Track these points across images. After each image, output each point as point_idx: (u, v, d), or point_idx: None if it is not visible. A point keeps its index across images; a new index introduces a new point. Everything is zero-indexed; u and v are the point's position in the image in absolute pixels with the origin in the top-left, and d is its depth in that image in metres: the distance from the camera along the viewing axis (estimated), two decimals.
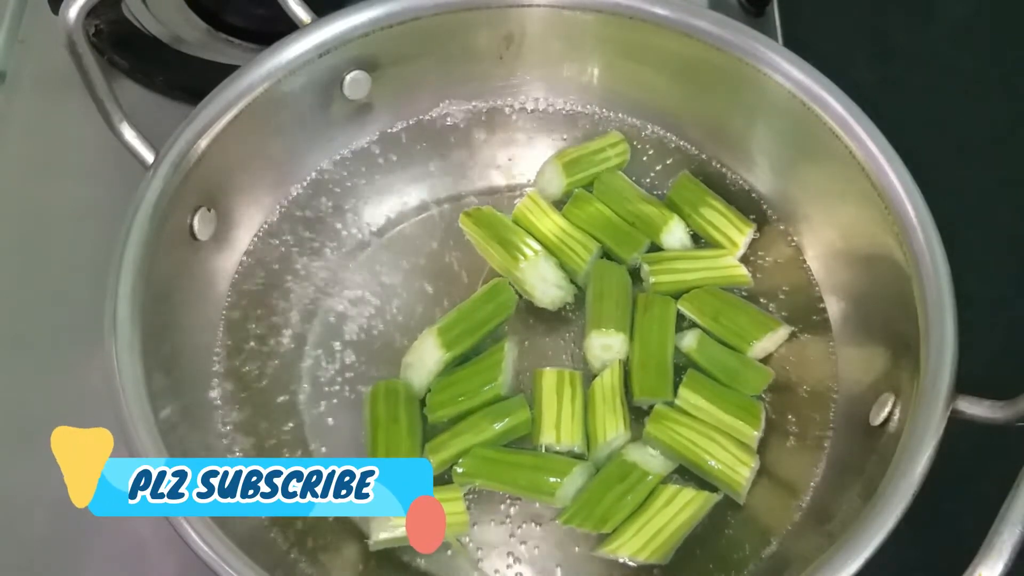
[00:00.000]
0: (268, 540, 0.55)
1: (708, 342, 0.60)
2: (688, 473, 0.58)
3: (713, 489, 0.57)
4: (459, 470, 0.57)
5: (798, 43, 0.63)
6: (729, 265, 0.63)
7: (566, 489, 0.56)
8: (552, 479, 0.56)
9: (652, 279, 0.63)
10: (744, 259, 0.64)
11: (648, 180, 0.67)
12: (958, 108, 0.76)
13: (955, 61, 0.79)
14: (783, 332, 0.61)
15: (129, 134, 0.56)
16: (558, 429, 0.57)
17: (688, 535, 0.55)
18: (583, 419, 0.58)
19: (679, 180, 0.66)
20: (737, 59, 0.60)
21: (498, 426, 0.57)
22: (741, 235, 0.63)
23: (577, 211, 0.65)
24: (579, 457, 0.58)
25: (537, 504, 0.57)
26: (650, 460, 0.57)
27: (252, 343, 0.61)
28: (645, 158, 0.68)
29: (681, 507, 0.55)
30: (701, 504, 0.56)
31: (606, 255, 0.65)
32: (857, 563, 0.46)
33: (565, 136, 0.69)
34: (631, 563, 0.55)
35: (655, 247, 0.65)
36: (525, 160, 0.68)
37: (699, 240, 0.65)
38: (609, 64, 0.66)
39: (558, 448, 0.57)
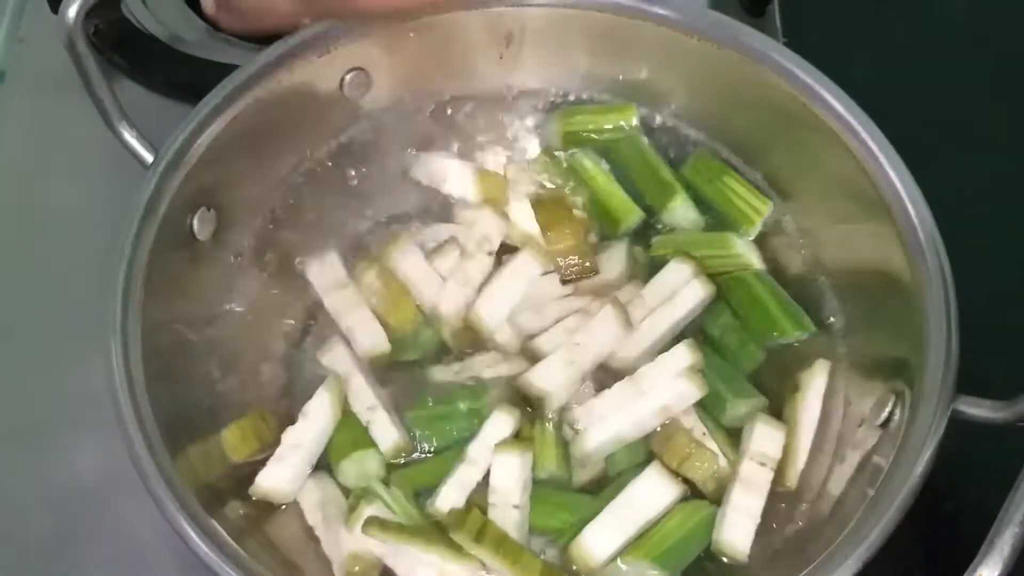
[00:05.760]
0: (269, 539, 0.55)
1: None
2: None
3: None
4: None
5: (798, 43, 0.63)
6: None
7: None
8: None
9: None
10: None
11: None
12: (958, 108, 0.76)
13: (955, 61, 0.79)
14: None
15: (129, 134, 0.56)
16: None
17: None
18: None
19: (696, 155, 0.66)
20: (737, 59, 0.60)
21: None
22: (764, 205, 0.63)
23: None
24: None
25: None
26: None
27: (252, 343, 0.61)
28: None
29: (688, 518, 0.55)
30: (705, 515, 0.56)
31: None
32: (857, 563, 0.46)
33: None
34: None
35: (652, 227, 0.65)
36: (524, 159, 0.68)
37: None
38: (609, 64, 0.66)
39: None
